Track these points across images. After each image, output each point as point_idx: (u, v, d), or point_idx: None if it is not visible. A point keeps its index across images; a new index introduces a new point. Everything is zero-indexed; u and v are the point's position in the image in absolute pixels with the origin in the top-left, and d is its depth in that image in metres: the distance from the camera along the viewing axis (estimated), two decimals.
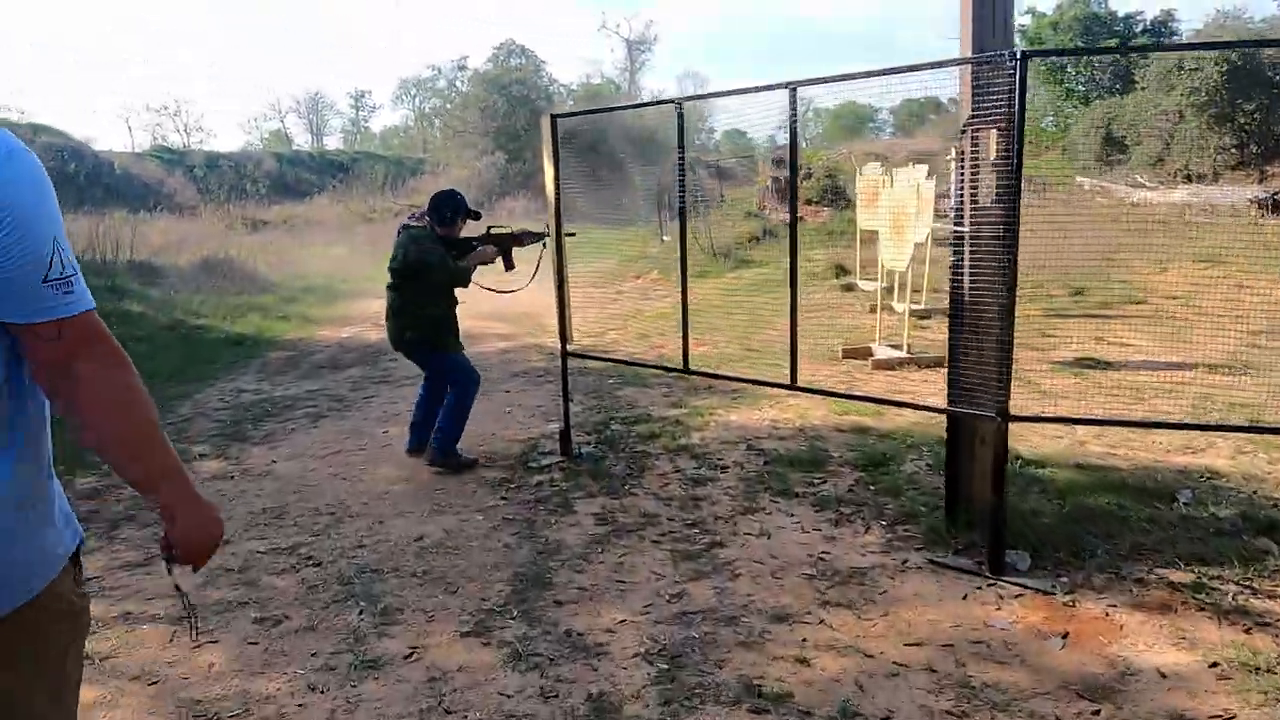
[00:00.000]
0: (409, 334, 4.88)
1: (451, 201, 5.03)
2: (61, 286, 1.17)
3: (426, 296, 4.86)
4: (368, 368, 8.09)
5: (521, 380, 7.24)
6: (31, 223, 1.13)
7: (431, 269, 4.80)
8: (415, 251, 4.81)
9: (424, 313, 4.86)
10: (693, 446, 5.08)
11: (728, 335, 8.36)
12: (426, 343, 4.91)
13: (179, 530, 1.37)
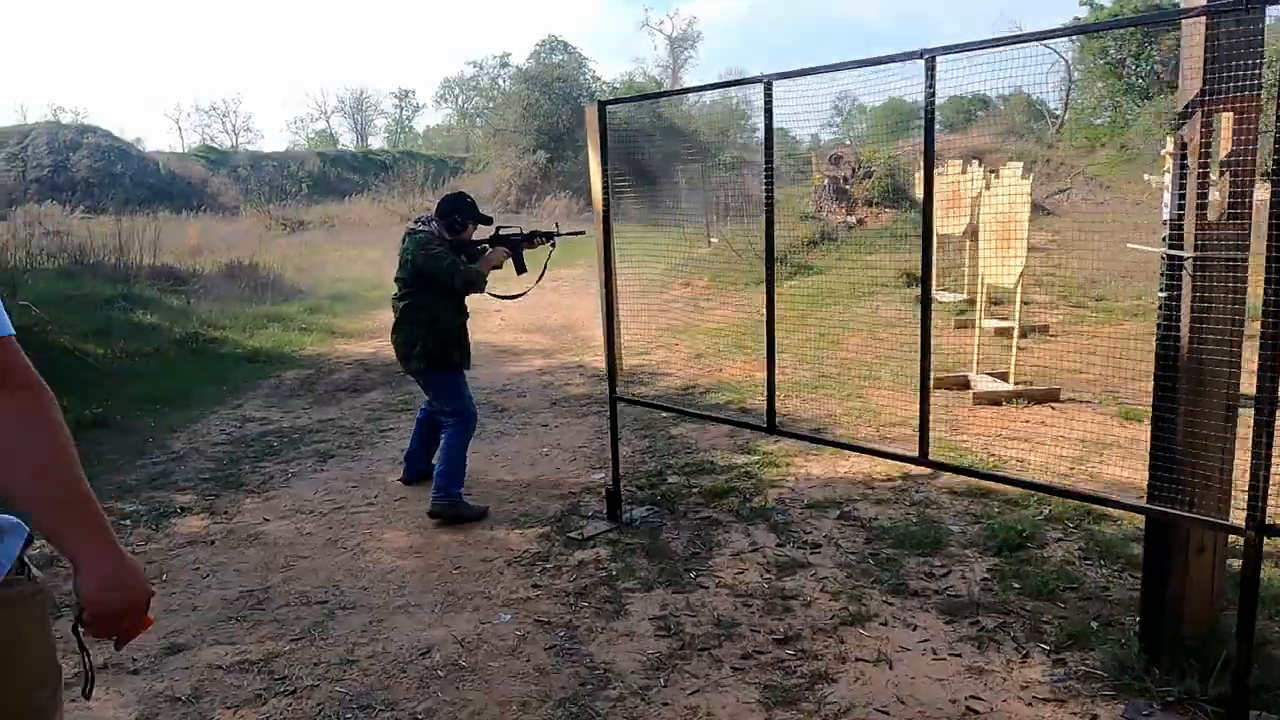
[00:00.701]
0: (419, 347, 4.33)
1: (461, 206, 4.52)
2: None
3: (439, 307, 4.35)
4: (389, 392, 7.24)
5: (561, 410, 6.33)
6: None
7: (443, 274, 4.30)
8: (423, 257, 4.31)
9: (437, 325, 4.35)
10: (770, 512, 4.11)
11: (794, 356, 7.37)
12: (437, 359, 4.36)
13: (85, 593, 1.19)
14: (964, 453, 4.79)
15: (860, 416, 5.60)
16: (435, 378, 4.41)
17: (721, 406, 6.06)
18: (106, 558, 1.20)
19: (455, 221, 4.45)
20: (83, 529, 1.20)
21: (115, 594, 1.21)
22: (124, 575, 1.22)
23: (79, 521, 1.19)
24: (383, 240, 22.13)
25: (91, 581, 1.19)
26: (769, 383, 3.50)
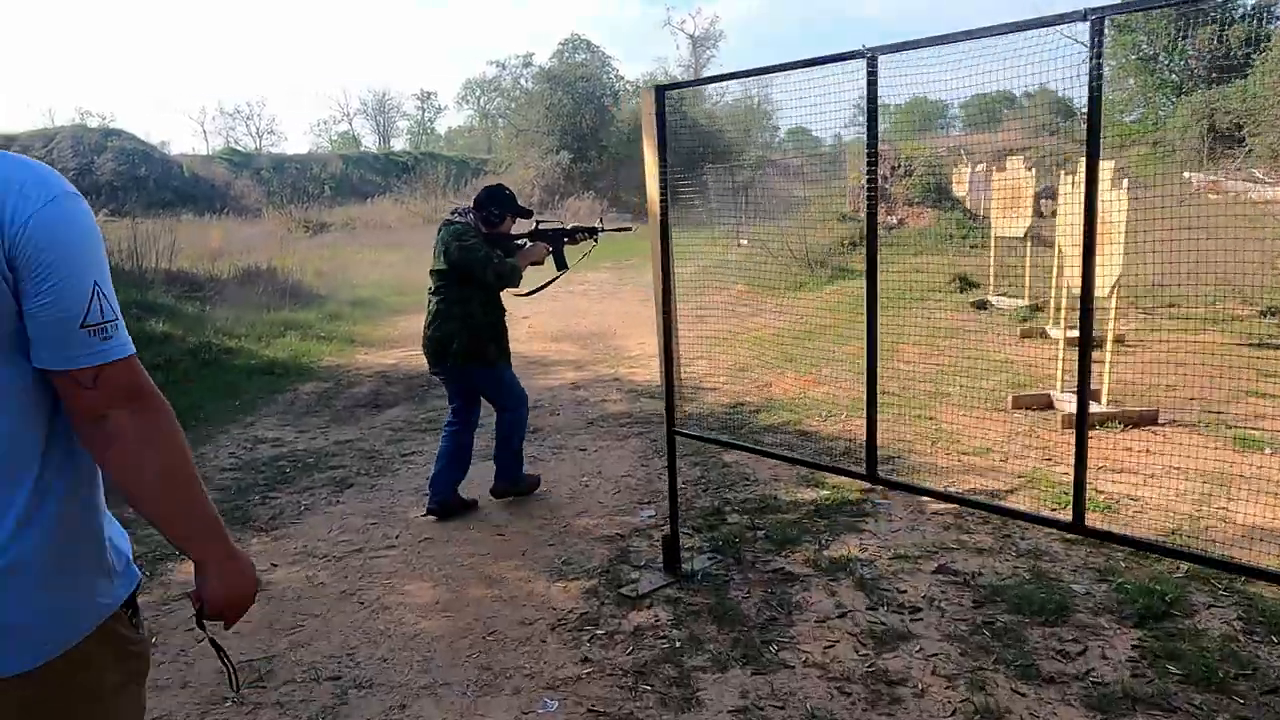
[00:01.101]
0: (456, 344, 4.19)
1: (499, 198, 4.36)
2: (99, 332, 1.15)
3: (475, 301, 4.21)
4: (412, 407, 6.72)
5: (599, 432, 5.78)
6: (72, 265, 1.12)
7: (476, 267, 4.15)
8: (457, 250, 4.16)
9: (471, 320, 4.21)
10: (852, 562, 3.54)
11: (850, 369, 6.79)
12: (474, 356, 4.23)
13: (212, 588, 1.31)
14: (1065, 487, 4.19)
15: (936, 443, 5.02)
16: (477, 375, 4.32)
17: (777, 429, 5.49)
18: (225, 559, 1.32)
19: (492, 214, 4.29)
20: (204, 533, 1.30)
21: (234, 590, 1.32)
22: (239, 572, 1.33)
23: (200, 527, 1.29)
24: (404, 242, 21.74)
25: (214, 581, 1.31)
26: (869, 424, 2.92)
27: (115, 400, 1.19)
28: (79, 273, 1.14)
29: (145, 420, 1.22)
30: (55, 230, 1.12)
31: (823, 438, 5.24)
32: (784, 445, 5.10)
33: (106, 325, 1.17)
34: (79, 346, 1.15)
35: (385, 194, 33.52)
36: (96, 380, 1.17)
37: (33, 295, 1.11)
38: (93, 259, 1.17)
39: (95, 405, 1.18)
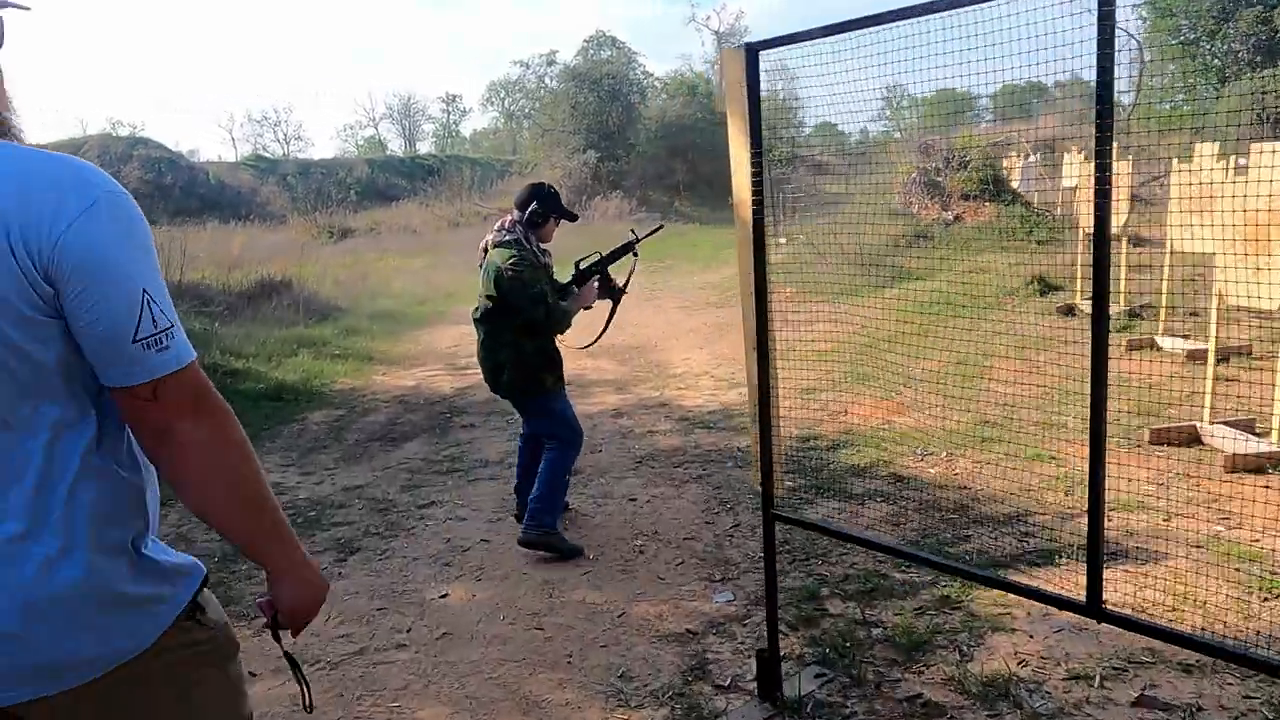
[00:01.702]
0: (506, 376, 3.89)
1: (542, 195, 3.90)
2: (154, 344, 1.07)
3: (524, 331, 3.82)
4: (434, 441, 5.89)
5: (651, 475, 4.90)
6: (116, 277, 1.04)
7: (526, 305, 3.75)
8: (509, 281, 3.74)
9: (522, 349, 3.85)
10: (1013, 685, 2.62)
11: (932, 389, 5.86)
12: (526, 385, 3.91)
13: (285, 597, 1.27)
14: (1261, 558, 3.25)
15: (1069, 492, 4.08)
16: (529, 404, 3.98)
17: (866, 473, 4.58)
18: (298, 566, 1.27)
19: (535, 214, 3.83)
20: (276, 542, 1.24)
21: (305, 600, 1.28)
22: (310, 581, 1.29)
23: (270, 535, 1.24)
24: (429, 246, 21.06)
25: (286, 589, 1.26)
26: (1091, 539, 1.98)
27: (178, 412, 1.12)
28: (125, 282, 1.05)
29: (210, 429, 1.15)
30: (97, 238, 1.03)
31: (926, 485, 4.32)
32: (880, 499, 4.19)
33: (161, 335, 1.08)
34: (134, 362, 1.07)
35: (411, 197, 33.22)
36: (156, 394, 1.09)
37: (78, 313, 1.03)
38: (141, 263, 1.07)
39: (157, 420, 1.11)
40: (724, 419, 5.88)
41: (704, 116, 38.30)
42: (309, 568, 1.29)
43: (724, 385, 6.88)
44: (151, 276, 1.08)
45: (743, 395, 6.49)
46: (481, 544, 4.07)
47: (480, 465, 5.28)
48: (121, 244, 1.05)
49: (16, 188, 1.00)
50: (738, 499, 4.36)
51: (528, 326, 3.76)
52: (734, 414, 5.99)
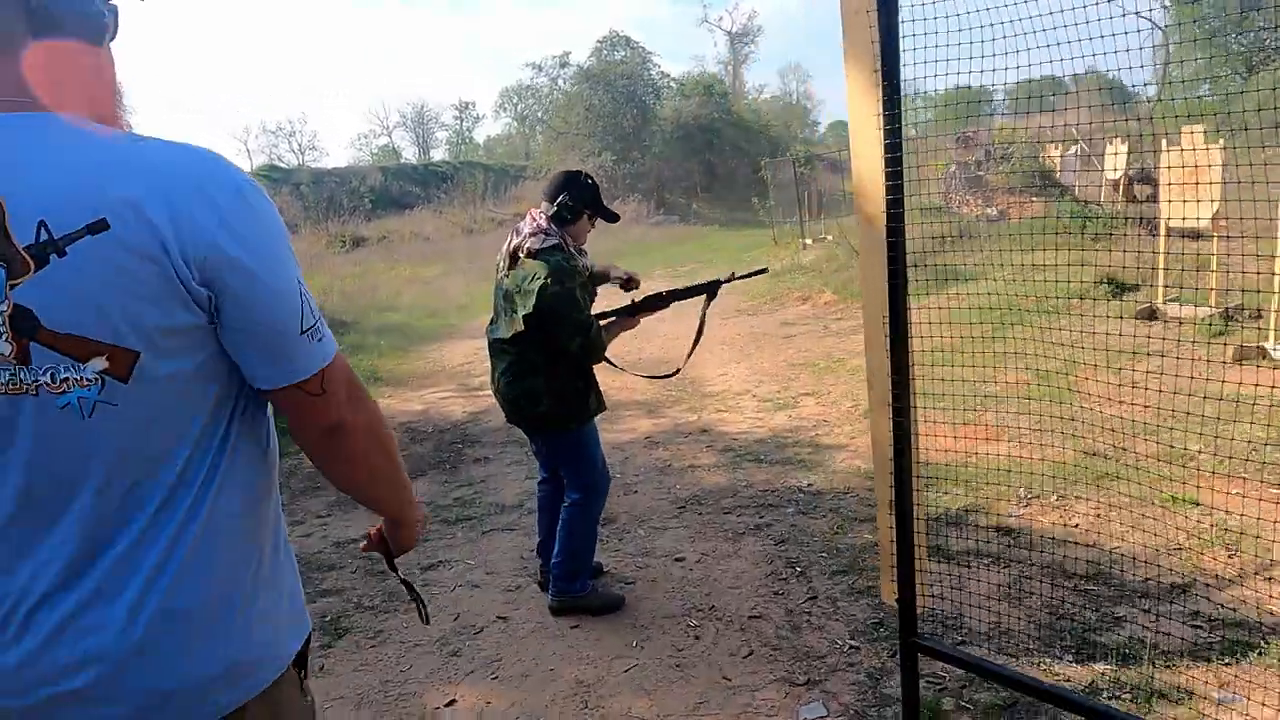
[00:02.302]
0: (543, 407, 3.13)
1: (576, 184, 3.14)
2: (314, 334, 1.03)
3: (562, 356, 3.08)
4: (443, 479, 5.14)
5: (699, 523, 4.11)
6: (275, 268, 0.99)
7: (565, 329, 3.01)
8: (555, 306, 2.97)
9: (558, 374, 3.11)
10: None
11: (1016, 410, 5.04)
12: (566, 416, 3.17)
13: (400, 539, 1.33)
14: None
15: (1233, 549, 3.26)
16: (562, 441, 3.24)
17: (961, 520, 3.77)
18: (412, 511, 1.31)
19: (565, 208, 3.07)
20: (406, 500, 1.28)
21: (413, 538, 1.34)
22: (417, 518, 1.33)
23: (406, 498, 1.27)
24: (442, 254, 20.38)
25: (404, 533, 1.32)
26: None
27: (344, 402, 1.08)
28: (284, 274, 1.00)
29: (368, 413, 1.12)
30: (250, 231, 0.97)
31: (1043, 540, 3.50)
32: (987, 561, 3.38)
33: (318, 324, 1.04)
34: (302, 356, 1.02)
35: (425, 205, 32.86)
36: (324, 384, 1.05)
37: (242, 311, 0.97)
38: (290, 253, 1.03)
39: (328, 414, 1.07)
40: (775, 450, 5.08)
41: (720, 116, 37.58)
42: (418, 510, 1.32)
43: (768, 407, 6.09)
44: (296, 262, 1.03)
45: (792, 419, 5.70)
46: (497, 623, 3.30)
47: (495, 511, 4.51)
48: (272, 234, 1.00)
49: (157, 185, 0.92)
50: (808, 559, 3.57)
51: (562, 352, 3.05)
52: (785, 442, 5.20)
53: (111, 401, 0.94)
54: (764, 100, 51.52)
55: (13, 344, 0.90)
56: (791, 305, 10.31)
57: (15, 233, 0.89)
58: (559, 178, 3.16)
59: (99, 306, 0.91)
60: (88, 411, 0.94)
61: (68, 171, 0.91)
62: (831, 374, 6.76)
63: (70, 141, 0.94)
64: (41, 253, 0.89)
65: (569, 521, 3.24)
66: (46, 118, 0.94)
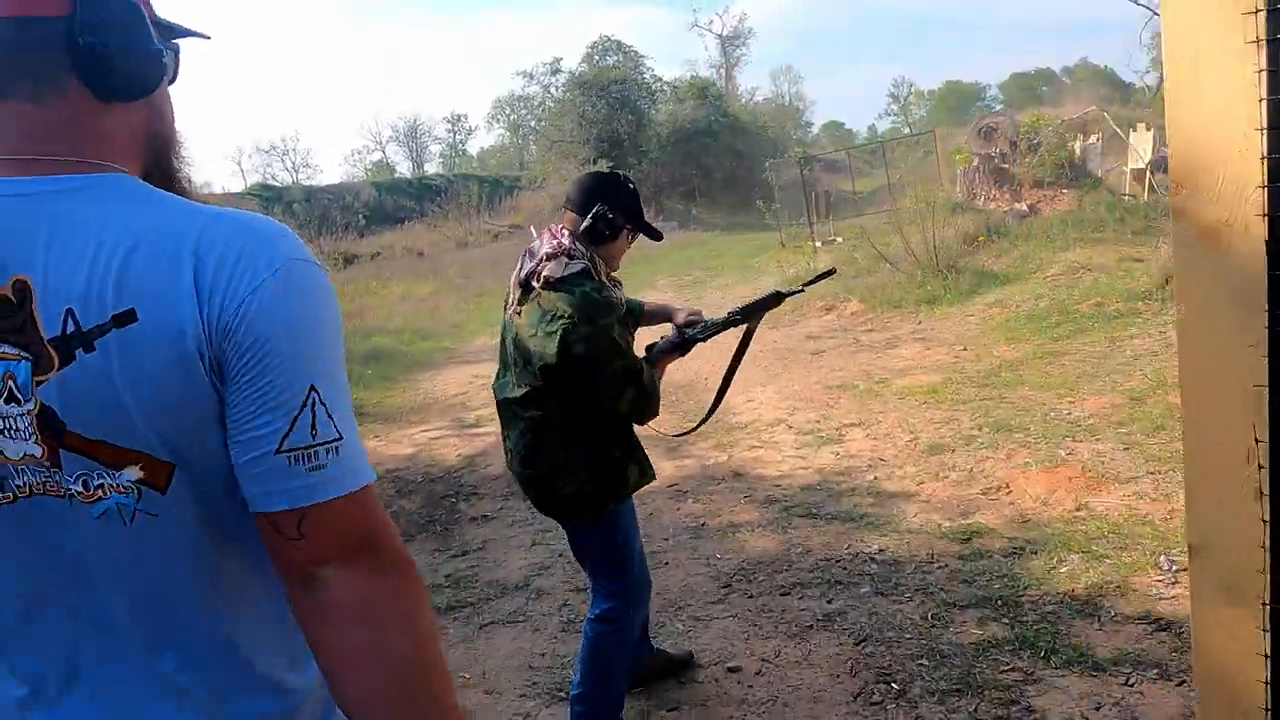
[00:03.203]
0: (572, 486, 2.29)
1: (615, 194, 2.29)
2: (306, 459, 0.80)
3: (598, 420, 2.27)
4: (433, 548, 4.31)
5: (750, 609, 3.27)
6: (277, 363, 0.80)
7: (608, 386, 2.19)
8: (594, 354, 2.14)
9: (599, 447, 2.29)
10: None
11: (1113, 442, 4.21)
12: (594, 501, 2.31)
13: None
14: None
15: None
16: (588, 533, 2.41)
17: (1094, 603, 2.93)
18: None
19: (603, 220, 2.24)
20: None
21: None
22: None
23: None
24: (436, 270, 19.59)
25: None
26: None
27: (326, 554, 0.82)
28: (288, 372, 0.80)
29: (371, 589, 0.83)
30: (268, 314, 0.80)
31: None
32: (1152, 672, 2.54)
33: (318, 449, 0.81)
34: (274, 481, 0.80)
35: (419, 219, 32.35)
36: (301, 528, 0.81)
37: (232, 405, 0.81)
38: (315, 353, 0.83)
39: (301, 564, 0.83)
40: (828, 500, 4.25)
41: (717, 119, 36.86)
42: None
43: (809, 441, 5.25)
44: (328, 372, 0.83)
45: (840, 457, 4.87)
46: None
47: (496, 593, 3.68)
48: (296, 325, 0.82)
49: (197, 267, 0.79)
50: (905, 669, 2.73)
51: (595, 411, 2.26)
52: (839, 489, 4.37)
53: (152, 511, 0.83)
54: (757, 103, 50.84)
55: (43, 446, 0.80)
56: (814, 316, 9.48)
57: (43, 321, 0.78)
58: (591, 181, 2.36)
59: (125, 412, 0.79)
60: (128, 518, 0.83)
61: (104, 247, 0.79)
62: (876, 398, 5.93)
63: (115, 210, 0.82)
64: (66, 347, 0.78)
65: (596, 642, 2.42)
66: (94, 180, 0.83)
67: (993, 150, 12.15)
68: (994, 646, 2.75)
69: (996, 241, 10.43)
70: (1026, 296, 8.11)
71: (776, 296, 2.59)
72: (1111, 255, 8.94)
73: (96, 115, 0.85)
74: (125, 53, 0.85)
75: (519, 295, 2.30)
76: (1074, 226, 10.41)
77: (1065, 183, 11.73)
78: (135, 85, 0.87)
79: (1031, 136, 12.07)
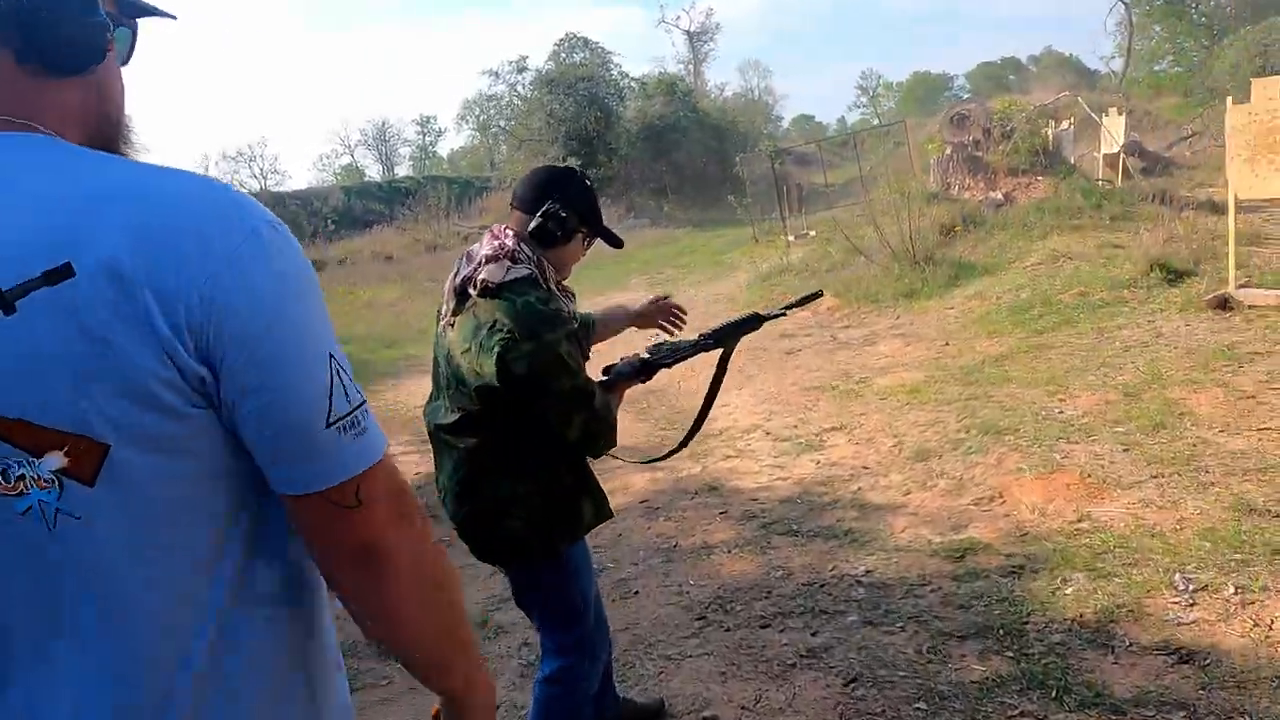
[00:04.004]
0: (514, 523, 1.96)
1: (567, 191, 1.97)
2: (350, 427, 0.78)
3: (545, 446, 1.95)
4: None
5: (726, 644, 2.96)
6: (295, 338, 0.76)
7: (556, 409, 1.89)
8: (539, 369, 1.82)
9: (548, 481, 1.98)
10: None
11: (1112, 442, 3.94)
12: (538, 541, 1.99)
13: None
14: None
15: None
16: (531, 577, 2.09)
17: (1104, 632, 2.64)
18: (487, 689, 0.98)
19: (553, 219, 1.94)
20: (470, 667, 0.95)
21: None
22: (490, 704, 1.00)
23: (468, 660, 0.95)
24: (404, 275, 19.16)
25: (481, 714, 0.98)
26: None
27: (384, 516, 0.82)
28: (310, 345, 0.76)
29: (417, 538, 0.85)
30: (263, 287, 0.74)
31: (1240, 674, 2.37)
32: (1178, 714, 2.25)
33: (357, 415, 0.79)
34: (329, 456, 0.77)
35: (392, 222, 32.06)
36: (360, 495, 0.79)
37: (244, 392, 0.74)
38: (322, 318, 0.80)
39: (361, 535, 0.80)
40: (809, 515, 3.95)
41: (686, 115, 36.59)
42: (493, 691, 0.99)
43: (788, 448, 4.96)
44: (332, 336, 0.80)
45: (821, 465, 4.58)
46: None
47: None
48: (296, 293, 0.77)
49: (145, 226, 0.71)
50: (896, 711, 2.43)
51: (540, 438, 1.94)
52: (820, 503, 4.07)
53: (73, 513, 0.73)
54: (726, 98, 50.65)
55: None
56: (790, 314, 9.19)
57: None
58: (540, 176, 2.05)
59: (54, 382, 0.70)
60: (51, 521, 0.73)
61: (32, 202, 0.72)
62: (856, 399, 5.64)
63: (45, 166, 0.75)
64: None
65: (547, 705, 2.12)
66: (21, 138, 0.77)
67: (966, 138, 11.93)
68: (998, 685, 2.46)
69: (973, 231, 10.20)
70: (1007, 287, 7.87)
71: (755, 319, 2.32)
72: (1091, 242, 8.72)
73: (26, 84, 0.78)
74: (61, 20, 0.78)
75: (454, 305, 1.99)
76: (1051, 214, 10.19)
77: (1040, 170, 11.53)
78: (73, 57, 0.79)
79: (1004, 123, 11.85)
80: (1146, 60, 37.64)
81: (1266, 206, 8.01)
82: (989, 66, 64.27)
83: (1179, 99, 27.24)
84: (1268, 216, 8.23)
